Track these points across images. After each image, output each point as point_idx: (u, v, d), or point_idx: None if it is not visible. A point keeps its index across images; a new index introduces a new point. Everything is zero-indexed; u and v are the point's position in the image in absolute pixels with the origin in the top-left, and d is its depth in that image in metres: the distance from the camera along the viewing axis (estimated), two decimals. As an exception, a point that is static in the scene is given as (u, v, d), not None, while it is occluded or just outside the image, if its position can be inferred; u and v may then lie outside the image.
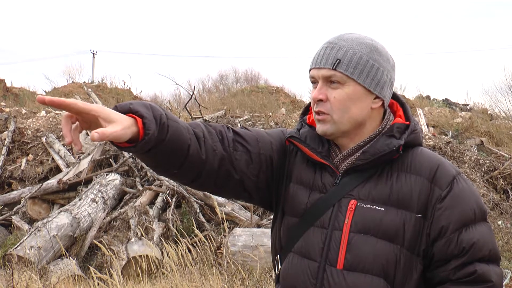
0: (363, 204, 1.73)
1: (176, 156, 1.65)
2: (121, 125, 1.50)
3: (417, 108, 16.01)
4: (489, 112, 20.67)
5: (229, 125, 1.91)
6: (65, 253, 7.10)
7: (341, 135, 1.79)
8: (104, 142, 10.04)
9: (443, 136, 13.28)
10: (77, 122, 1.53)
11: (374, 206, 1.72)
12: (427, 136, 11.77)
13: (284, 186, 1.89)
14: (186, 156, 1.66)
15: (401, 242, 1.69)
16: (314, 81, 1.79)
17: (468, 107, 21.64)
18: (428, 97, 22.91)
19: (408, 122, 1.81)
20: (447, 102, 21.81)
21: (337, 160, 1.81)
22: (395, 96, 1.88)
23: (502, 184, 10.77)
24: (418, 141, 1.81)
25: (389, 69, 1.78)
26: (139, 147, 1.55)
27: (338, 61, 1.73)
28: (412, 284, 1.71)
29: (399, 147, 1.72)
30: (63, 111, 1.50)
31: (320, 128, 1.79)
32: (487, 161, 11.40)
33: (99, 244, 6.46)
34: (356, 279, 1.70)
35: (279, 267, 1.89)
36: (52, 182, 9.12)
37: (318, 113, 1.77)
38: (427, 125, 14.43)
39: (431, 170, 1.73)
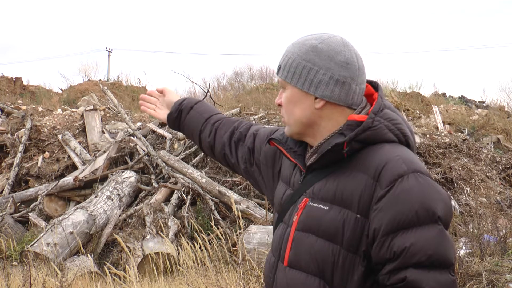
0: (311, 203, 1.73)
1: (194, 133, 2.27)
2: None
3: (433, 106, 15.89)
4: (506, 109, 20.45)
5: (254, 124, 2.20)
6: (81, 250, 7.16)
7: (299, 136, 1.83)
8: (119, 139, 10.10)
9: (459, 133, 13.18)
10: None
11: (320, 205, 1.70)
12: (442, 134, 11.69)
13: (276, 182, 1.99)
14: (199, 136, 2.25)
15: (340, 242, 1.65)
16: None
17: (484, 104, 21.43)
18: (444, 94, 22.73)
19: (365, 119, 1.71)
20: (463, 100, 21.63)
21: (307, 158, 1.83)
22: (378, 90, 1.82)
23: (519, 181, 10.68)
24: (380, 138, 1.69)
25: (331, 67, 1.71)
26: (169, 122, 2.31)
27: (279, 67, 1.81)
28: (353, 285, 1.64)
29: (343, 145, 1.67)
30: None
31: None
32: (504, 159, 11.31)
33: (119, 238, 6.49)
34: (293, 276, 1.72)
35: None
36: (68, 179, 9.19)
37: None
38: (443, 123, 14.33)
39: (377, 167, 1.63)
